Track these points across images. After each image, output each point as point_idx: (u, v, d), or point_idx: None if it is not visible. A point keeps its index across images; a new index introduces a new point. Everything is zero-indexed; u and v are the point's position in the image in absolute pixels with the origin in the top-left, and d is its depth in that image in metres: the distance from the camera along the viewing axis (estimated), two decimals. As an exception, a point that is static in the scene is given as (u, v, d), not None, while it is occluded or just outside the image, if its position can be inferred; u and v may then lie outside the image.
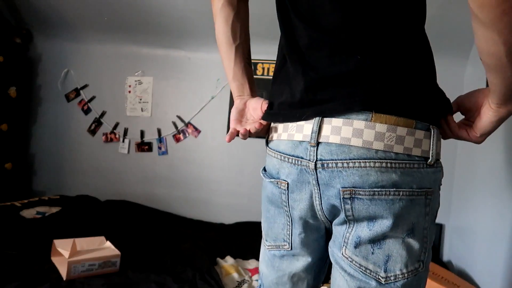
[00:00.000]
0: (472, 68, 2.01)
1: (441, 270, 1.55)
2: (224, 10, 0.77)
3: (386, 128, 0.57)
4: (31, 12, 2.58)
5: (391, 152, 0.57)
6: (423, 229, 0.60)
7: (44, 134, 2.80)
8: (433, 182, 0.60)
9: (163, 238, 2.03)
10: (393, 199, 0.57)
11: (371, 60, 0.57)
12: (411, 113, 0.57)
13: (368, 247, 0.60)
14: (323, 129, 0.60)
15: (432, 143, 0.58)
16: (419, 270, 0.60)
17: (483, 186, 1.66)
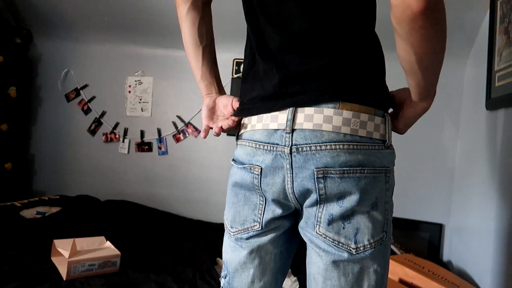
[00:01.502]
0: (472, 68, 2.01)
1: (441, 270, 1.55)
2: (190, 14, 0.83)
3: (351, 114, 0.66)
4: (31, 12, 2.58)
5: (356, 136, 0.66)
6: (384, 203, 0.70)
7: (44, 134, 2.80)
8: (390, 162, 0.71)
9: (163, 238, 2.03)
10: (359, 177, 0.66)
11: (337, 60, 0.67)
12: (370, 102, 0.68)
13: (340, 223, 0.68)
14: (297, 118, 0.67)
15: (387, 128, 0.69)
16: (384, 239, 0.70)
17: (483, 186, 1.66)
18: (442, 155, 2.15)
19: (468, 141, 1.96)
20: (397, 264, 1.48)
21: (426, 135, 2.17)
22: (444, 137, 2.15)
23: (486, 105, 1.65)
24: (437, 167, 2.16)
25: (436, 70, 0.62)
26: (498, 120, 1.54)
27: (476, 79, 1.90)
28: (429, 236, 2.15)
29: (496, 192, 1.50)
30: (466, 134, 2.00)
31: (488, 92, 1.61)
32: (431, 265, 1.56)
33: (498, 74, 1.52)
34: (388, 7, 0.54)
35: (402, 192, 2.21)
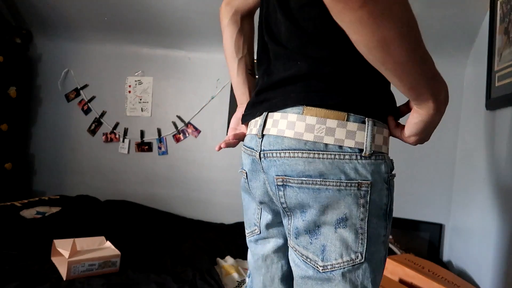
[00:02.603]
0: (472, 68, 2.01)
1: (441, 270, 1.55)
2: (229, 27, 0.87)
3: (315, 120, 0.61)
4: (31, 12, 2.58)
5: (321, 143, 0.61)
6: (359, 220, 0.61)
7: (44, 134, 2.81)
8: (371, 174, 0.61)
9: (163, 238, 2.03)
10: (319, 188, 0.61)
11: (308, 65, 0.63)
12: (343, 106, 0.61)
13: (307, 237, 0.64)
14: (267, 123, 0.67)
15: (367, 135, 0.60)
16: (356, 261, 0.61)
17: (483, 186, 1.66)
18: (442, 155, 2.15)
19: (468, 141, 1.96)
20: (397, 264, 1.48)
21: (426, 135, 2.17)
22: (444, 137, 2.15)
23: (486, 105, 1.65)
24: (437, 167, 2.16)
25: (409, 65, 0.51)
26: (498, 120, 1.54)
27: (476, 79, 1.90)
28: (429, 236, 2.15)
29: (496, 192, 1.50)
30: (466, 134, 2.00)
31: (488, 92, 1.61)
32: (431, 265, 1.56)
33: (498, 74, 1.52)
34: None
35: (402, 192, 2.21)
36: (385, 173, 0.62)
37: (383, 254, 0.65)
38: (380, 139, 0.62)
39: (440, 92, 0.58)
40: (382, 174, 0.62)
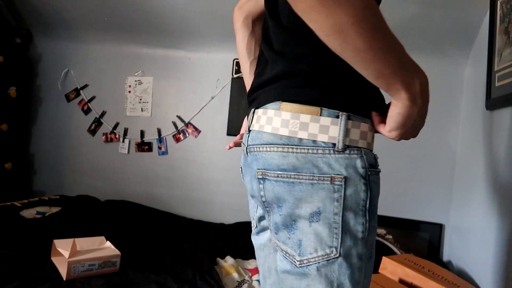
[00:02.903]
0: (472, 68, 2.01)
1: (441, 270, 1.55)
2: (240, 30, 0.91)
3: (290, 115, 0.63)
4: (31, 12, 2.58)
5: (295, 138, 0.62)
6: (333, 215, 0.61)
7: (44, 134, 2.81)
8: (345, 169, 0.61)
9: (163, 238, 2.03)
10: (293, 182, 0.62)
11: (289, 62, 0.65)
12: (316, 102, 0.62)
13: (285, 232, 0.65)
14: (253, 119, 0.70)
15: (340, 129, 0.61)
16: (331, 256, 0.61)
17: (483, 186, 1.66)
18: (442, 155, 2.15)
19: (468, 141, 1.96)
20: (397, 264, 1.48)
21: (426, 135, 2.17)
22: (444, 137, 2.15)
23: (486, 105, 1.65)
24: (437, 167, 2.16)
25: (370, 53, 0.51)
26: (498, 120, 1.54)
27: (476, 79, 1.90)
28: (429, 236, 2.15)
29: (496, 192, 1.50)
30: (466, 134, 2.00)
31: (488, 92, 1.61)
32: (431, 265, 1.56)
33: (498, 74, 1.52)
34: (387, 11, 0.54)
35: (402, 192, 2.21)
36: (362, 168, 0.62)
37: (364, 252, 0.63)
38: (357, 133, 0.62)
39: (413, 83, 0.56)
40: (358, 169, 0.61)
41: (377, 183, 0.65)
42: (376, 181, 0.64)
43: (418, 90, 0.57)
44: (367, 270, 0.65)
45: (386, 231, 2.20)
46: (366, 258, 0.64)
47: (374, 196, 0.64)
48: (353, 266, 0.62)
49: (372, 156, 0.65)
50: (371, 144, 0.65)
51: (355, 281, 0.62)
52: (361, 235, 0.62)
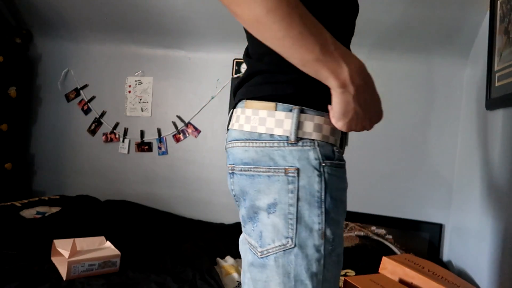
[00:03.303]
0: (472, 68, 2.01)
1: (441, 270, 1.55)
2: None
3: (251, 112, 0.67)
4: (31, 12, 2.58)
5: (255, 133, 0.66)
6: (288, 206, 0.63)
7: (44, 134, 2.81)
8: (298, 160, 0.63)
9: (163, 238, 2.03)
10: (253, 175, 0.65)
11: (254, 63, 0.70)
12: (272, 97, 0.66)
13: (250, 225, 0.67)
14: (231, 119, 0.74)
15: (293, 123, 0.63)
16: (287, 246, 0.63)
17: (483, 186, 1.66)
18: (442, 155, 2.15)
19: (468, 141, 1.96)
20: (397, 264, 1.48)
21: (426, 135, 2.17)
22: (444, 137, 2.15)
23: (486, 105, 1.65)
24: (437, 167, 2.16)
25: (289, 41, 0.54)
26: (498, 120, 1.54)
27: (476, 79, 1.90)
28: (429, 236, 2.15)
29: (496, 192, 1.50)
30: (466, 134, 2.00)
31: (488, 92, 1.61)
32: (431, 265, 1.56)
33: (498, 74, 1.52)
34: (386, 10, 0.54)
35: (402, 192, 2.21)
36: (315, 160, 0.63)
37: (321, 243, 0.63)
38: (310, 126, 0.64)
39: (340, 69, 0.56)
40: (311, 160, 0.63)
41: (335, 175, 0.65)
42: (333, 173, 0.65)
43: (347, 76, 0.57)
44: (330, 263, 0.65)
45: (386, 231, 2.20)
46: (325, 251, 0.64)
47: (333, 188, 0.64)
48: (309, 257, 0.63)
49: (330, 148, 0.65)
50: (329, 137, 0.65)
51: (312, 272, 0.63)
52: (317, 226, 0.63)
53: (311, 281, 0.63)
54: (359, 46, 2.19)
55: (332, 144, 0.66)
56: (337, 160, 0.66)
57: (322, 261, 0.64)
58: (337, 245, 0.66)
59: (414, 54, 2.14)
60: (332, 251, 0.65)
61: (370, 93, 0.61)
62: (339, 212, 0.66)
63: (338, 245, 0.66)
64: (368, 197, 2.26)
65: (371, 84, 0.62)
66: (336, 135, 0.67)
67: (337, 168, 0.66)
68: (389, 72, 2.21)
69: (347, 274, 1.71)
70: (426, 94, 2.16)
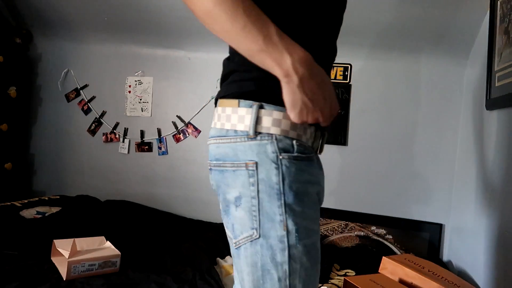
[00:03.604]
0: (472, 68, 2.01)
1: (441, 270, 1.55)
2: None
3: (221, 110, 0.70)
4: (31, 12, 2.58)
5: (224, 129, 0.69)
6: (251, 198, 0.66)
7: (44, 134, 2.81)
8: (256, 154, 0.66)
9: (163, 238, 2.03)
10: (222, 170, 0.69)
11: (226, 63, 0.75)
12: (236, 95, 0.69)
13: (226, 218, 0.71)
14: None
15: (252, 118, 0.66)
16: (253, 237, 0.66)
17: (483, 186, 1.66)
18: (442, 155, 2.15)
19: (468, 141, 1.96)
20: (397, 264, 1.48)
21: (426, 135, 2.17)
22: (444, 137, 2.15)
23: (486, 105, 1.65)
24: (437, 167, 2.16)
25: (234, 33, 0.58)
26: (498, 120, 1.54)
27: (476, 79, 1.90)
28: (429, 236, 2.15)
29: (496, 192, 1.50)
30: (466, 134, 2.00)
31: (488, 92, 1.61)
32: (431, 265, 1.56)
33: (498, 74, 1.52)
34: (386, 10, 0.54)
35: (402, 192, 2.21)
36: (272, 153, 0.65)
37: (284, 234, 0.65)
38: (268, 121, 0.66)
39: (282, 59, 0.59)
40: (269, 154, 0.65)
41: (294, 168, 0.66)
42: (291, 165, 0.66)
43: (290, 65, 0.59)
44: (296, 254, 0.66)
45: (386, 231, 2.20)
46: (289, 241, 0.65)
47: (292, 180, 0.66)
48: (273, 247, 0.65)
49: (289, 142, 0.67)
50: (289, 131, 0.67)
51: (277, 262, 0.65)
52: (278, 218, 0.65)
53: (276, 271, 0.65)
54: (359, 46, 2.19)
55: (293, 138, 0.67)
56: (297, 153, 0.67)
57: (287, 252, 0.65)
58: (304, 237, 0.67)
59: (414, 54, 2.14)
60: (297, 242, 0.66)
61: (316, 83, 0.62)
62: (304, 204, 0.67)
63: (306, 236, 0.67)
64: (368, 197, 2.26)
65: (318, 75, 0.62)
66: (299, 130, 0.68)
67: (297, 160, 0.67)
68: (389, 72, 2.21)
69: (347, 274, 1.71)
70: (426, 94, 2.17)
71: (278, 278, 0.66)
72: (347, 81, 2.26)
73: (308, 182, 0.68)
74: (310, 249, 0.68)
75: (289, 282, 0.66)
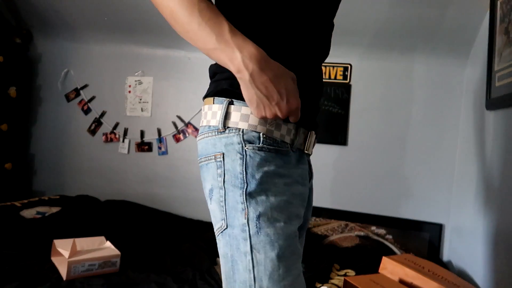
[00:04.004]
0: (472, 68, 2.01)
1: (441, 270, 1.55)
2: None
3: (203, 108, 0.75)
4: (31, 12, 2.58)
5: (203, 126, 0.73)
6: (219, 189, 0.69)
7: (44, 134, 2.81)
8: (224, 146, 0.69)
9: (163, 238, 2.03)
10: (201, 165, 0.73)
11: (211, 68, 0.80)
12: (212, 93, 0.74)
13: (210, 210, 0.75)
14: None
15: (222, 113, 0.69)
16: (222, 228, 0.69)
17: (483, 186, 1.66)
18: (442, 155, 2.15)
19: (468, 141, 1.96)
20: (397, 264, 1.48)
21: (426, 135, 2.17)
22: (444, 137, 2.15)
23: (486, 105, 1.65)
24: (437, 167, 2.16)
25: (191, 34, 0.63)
26: (498, 120, 1.54)
27: (476, 79, 1.90)
28: (429, 236, 2.15)
29: (496, 192, 1.50)
30: (466, 134, 2.00)
31: (488, 92, 1.61)
32: (431, 265, 1.56)
33: (498, 74, 1.52)
34: (386, 10, 0.54)
35: (402, 192, 2.21)
36: (238, 144, 0.68)
37: (244, 223, 0.66)
38: (237, 116, 0.69)
39: (234, 56, 0.61)
40: (235, 145, 0.68)
41: (259, 157, 0.67)
42: (256, 155, 0.67)
43: (240, 62, 0.61)
44: (258, 243, 0.66)
45: (386, 231, 2.20)
46: (251, 230, 0.66)
47: (256, 169, 0.67)
48: (237, 237, 0.67)
49: (256, 135, 0.68)
50: (257, 126, 0.68)
51: (241, 252, 0.67)
52: (240, 206, 0.67)
53: (241, 261, 0.66)
54: (359, 46, 2.19)
55: (261, 132, 0.68)
56: (262, 144, 0.68)
57: (249, 241, 0.66)
58: (267, 225, 0.66)
59: (414, 54, 2.14)
60: (258, 231, 0.66)
61: (269, 78, 0.62)
62: (268, 193, 0.67)
63: (269, 225, 0.66)
64: (368, 197, 2.26)
65: (271, 69, 0.63)
66: (269, 125, 0.69)
67: (262, 151, 0.68)
68: (389, 72, 2.21)
69: (347, 274, 1.71)
70: (426, 94, 2.17)
71: (243, 268, 0.66)
72: (347, 81, 2.26)
73: (275, 173, 0.68)
74: (276, 238, 0.66)
75: (254, 274, 0.65)
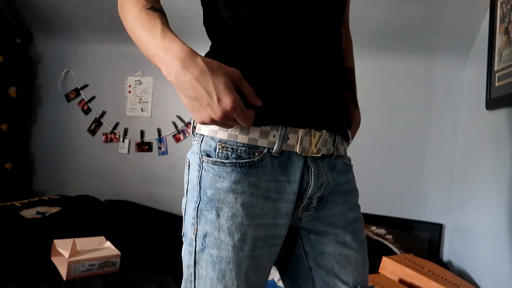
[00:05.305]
0: (472, 68, 2.01)
1: (441, 270, 1.55)
2: None
3: None
4: (31, 12, 2.58)
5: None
6: (184, 197, 0.71)
7: (44, 134, 2.80)
8: (191, 153, 0.69)
9: (163, 238, 2.03)
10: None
11: None
12: None
13: None
14: None
15: None
16: (182, 236, 0.70)
17: (483, 186, 1.66)
18: (442, 155, 2.15)
19: (468, 141, 1.96)
20: (397, 264, 1.48)
21: (426, 135, 2.17)
22: (444, 137, 2.15)
23: (486, 105, 1.65)
24: (437, 167, 2.16)
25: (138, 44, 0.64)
26: (498, 120, 1.54)
27: (476, 79, 1.90)
28: (429, 236, 2.15)
29: (496, 192, 1.50)
30: (466, 134, 2.00)
31: (488, 92, 1.61)
32: (431, 265, 1.57)
33: (498, 74, 1.52)
34: (386, 10, 0.54)
35: (402, 192, 2.21)
36: (197, 154, 0.66)
37: (193, 239, 0.65)
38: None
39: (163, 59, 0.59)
40: (195, 154, 0.67)
41: (210, 173, 0.64)
42: (208, 170, 0.64)
43: (167, 63, 0.59)
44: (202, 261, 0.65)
45: (386, 231, 2.20)
46: (197, 247, 0.65)
47: (207, 186, 0.64)
48: (187, 248, 0.67)
49: (213, 145, 0.64)
50: (217, 131, 0.64)
51: (186, 263, 0.69)
52: (192, 220, 0.66)
53: (185, 272, 0.69)
54: (359, 46, 2.19)
55: (221, 139, 0.64)
56: (216, 158, 0.64)
57: (193, 256, 0.66)
58: (211, 246, 0.63)
59: (414, 54, 2.14)
60: (203, 249, 0.64)
61: (194, 76, 0.56)
62: (219, 213, 0.63)
63: (214, 246, 0.63)
64: (368, 197, 2.25)
65: (195, 68, 0.56)
66: (234, 130, 0.64)
67: (216, 165, 0.63)
68: (389, 72, 2.21)
69: (347, 274, 1.71)
70: (426, 94, 2.16)
71: (185, 279, 0.69)
72: (347, 81, 2.25)
73: (229, 191, 0.62)
74: (218, 261, 0.63)
75: (194, 285, 0.67)
